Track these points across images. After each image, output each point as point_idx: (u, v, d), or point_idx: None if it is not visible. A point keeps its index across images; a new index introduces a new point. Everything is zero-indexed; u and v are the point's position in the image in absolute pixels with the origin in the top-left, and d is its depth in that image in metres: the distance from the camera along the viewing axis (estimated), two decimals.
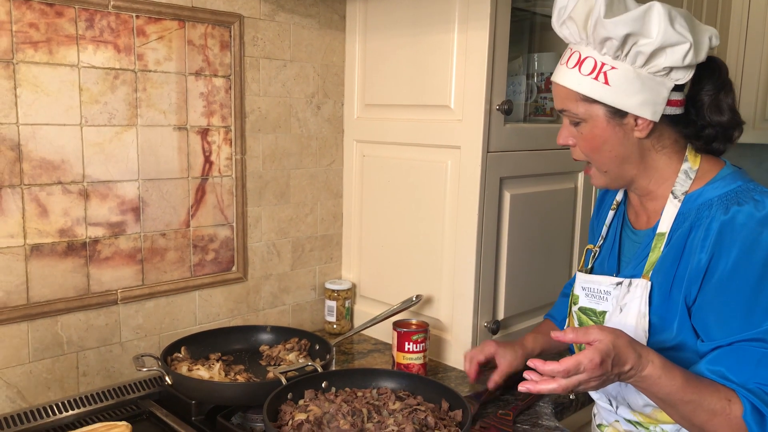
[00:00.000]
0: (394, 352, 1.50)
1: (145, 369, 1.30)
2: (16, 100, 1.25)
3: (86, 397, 1.34)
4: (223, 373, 1.34)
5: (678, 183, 1.06)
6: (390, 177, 1.75)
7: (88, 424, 1.26)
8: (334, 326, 1.84)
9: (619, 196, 1.24)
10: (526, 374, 0.92)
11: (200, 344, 1.49)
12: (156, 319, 1.52)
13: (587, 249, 1.27)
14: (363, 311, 1.85)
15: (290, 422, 1.13)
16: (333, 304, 1.83)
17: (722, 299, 0.97)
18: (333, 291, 1.83)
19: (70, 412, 1.30)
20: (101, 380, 1.43)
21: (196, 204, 1.54)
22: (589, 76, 1.01)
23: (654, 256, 1.05)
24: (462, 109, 1.55)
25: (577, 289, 1.20)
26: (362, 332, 1.84)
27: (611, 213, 1.24)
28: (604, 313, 1.13)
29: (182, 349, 1.45)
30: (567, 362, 0.89)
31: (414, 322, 1.55)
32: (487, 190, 1.55)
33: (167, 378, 1.30)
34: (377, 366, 1.63)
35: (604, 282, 1.14)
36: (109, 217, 1.41)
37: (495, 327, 1.63)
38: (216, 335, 1.53)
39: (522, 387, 0.91)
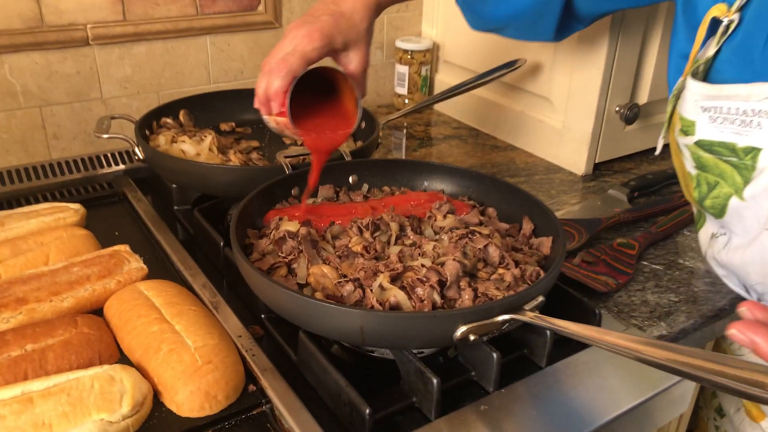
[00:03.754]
0: None
1: (105, 135, 0.93)
2: None
3: (43, 167, 1.02)
4: (215, 151, 0.94)
5: None
6: None
7: (41, 202, 0.94)
8: (406, 101, 1.37)
9: None
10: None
11: (209, 109, 1.10)
12: (151, 70, 1.12)
13: (711, 17, 0.67)
14: (446, 82, 1.35)
15: (272, 234, 0.72)
16: (405, 70, 1.34)
17: None
18: (406, 52, 1.33)
19: (20, 185, 0.98)
20: (80, 146, 1.10)
21: None
22: None
23: None
24: None
25: (690, 110, 0.69)
26: (443, 111, 1.37)
27: None
28: (754, 152, 0.64)
29: (182, 113, 1.06)
30: None
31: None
32: None
33: (137, 150, 0.92)
34: (452, 158, 1.17)
35: (755, 93, 0.62)
36: None
37: (632, 114, 1.09)
38: (233, 99, 1.13)
39: (732, 332, 0.41)
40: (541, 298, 0.62)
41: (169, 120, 1.03)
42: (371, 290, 0.63)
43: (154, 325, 0.66)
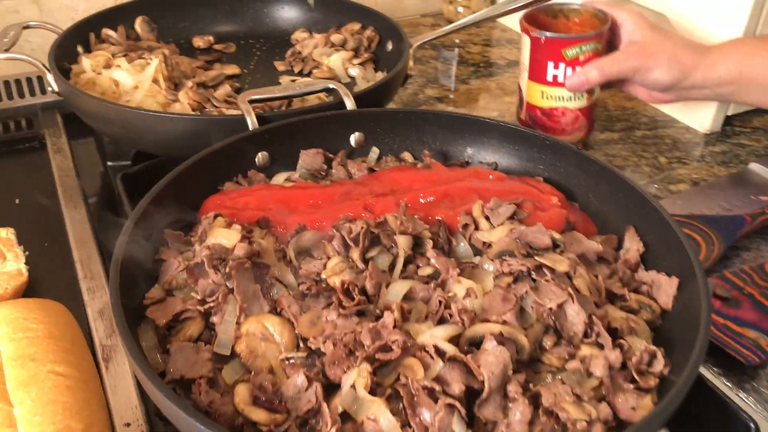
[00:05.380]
0: (524, 81, 0.67)
1: (2, 55, 0.63)
2: None
3: None
4: (161, 83, 0.64)
5: None
6: None
7: None
8: (459, 9, 1.01)
9: None
10: None
11: (175, 15, 0.80)
12: None
13: None
14: None
15: (195, 249, 0.43)
16: None
17: None
18: None
19: None
20: None
21: None
22: None
23: None
24: None
25: None
26: (510, 25, 1.02)
27: None
28: None
29: (138, 21, 0.76)
30: None
31: (578, 10, 0.67)
32: None
33: (50, 79, 0.63)
34: (501, 104, 0.84)
35: None
36: None
37: None
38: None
39: None
40: None
41: (112, 33, 0.72)
42: (340, 393, 0.33)
43: None
